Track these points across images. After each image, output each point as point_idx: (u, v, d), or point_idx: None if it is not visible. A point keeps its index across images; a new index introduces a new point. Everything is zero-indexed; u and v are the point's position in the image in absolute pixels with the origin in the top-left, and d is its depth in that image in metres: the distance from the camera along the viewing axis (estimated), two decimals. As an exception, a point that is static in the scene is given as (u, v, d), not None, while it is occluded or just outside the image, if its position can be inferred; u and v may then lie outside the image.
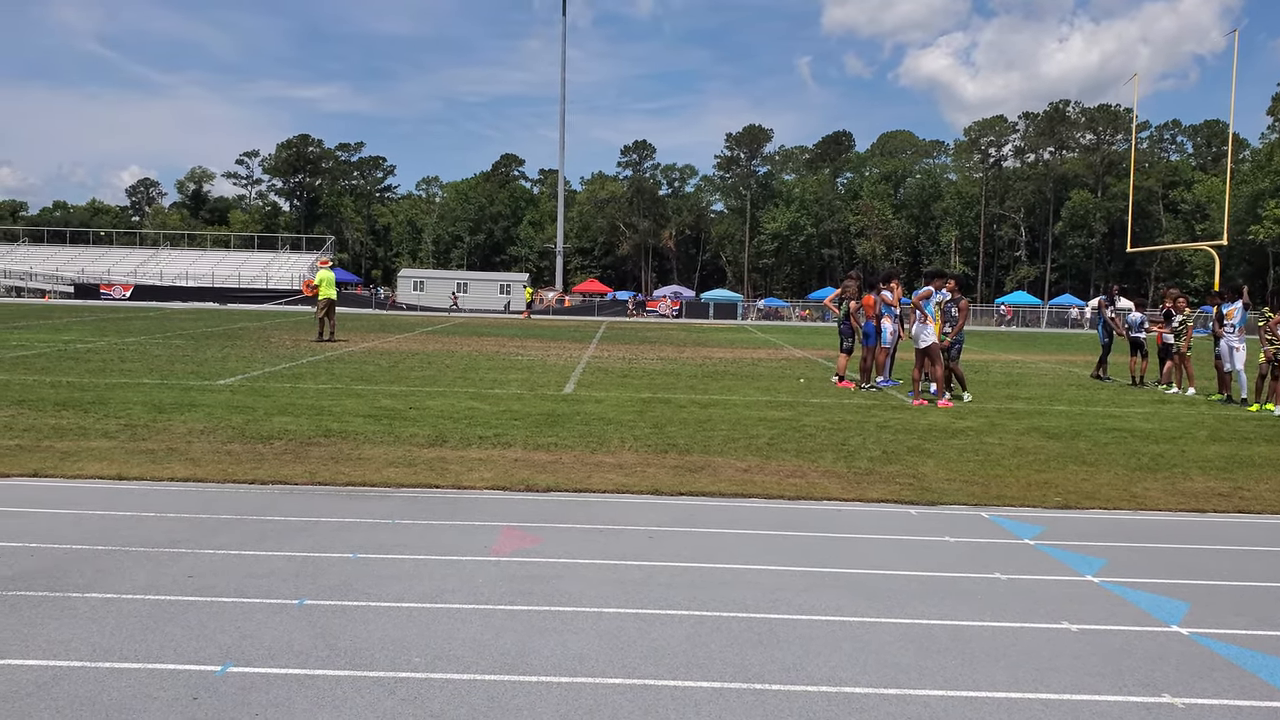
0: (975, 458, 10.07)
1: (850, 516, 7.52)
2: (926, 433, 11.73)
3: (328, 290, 26.42)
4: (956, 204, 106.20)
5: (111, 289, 62.69)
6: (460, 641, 4.67)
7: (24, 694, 3.96)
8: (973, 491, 8.42)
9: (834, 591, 5.62)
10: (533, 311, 59.17)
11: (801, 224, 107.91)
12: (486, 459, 9.24)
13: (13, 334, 25.64)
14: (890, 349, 17.55)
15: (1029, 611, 5.38)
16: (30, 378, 14.92)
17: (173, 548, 6.11)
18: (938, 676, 4.43)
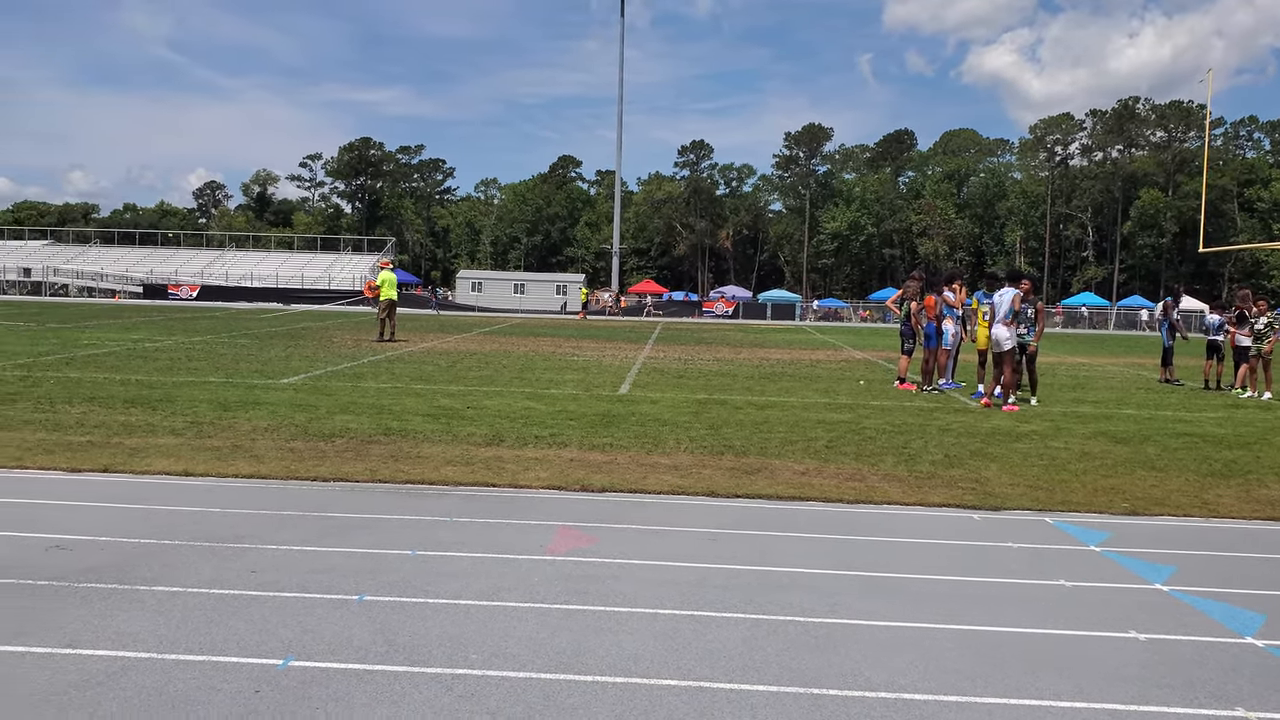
0: (1040, 462, 9.93)
1: (911, 521, 7.46)
2: (989, 436, 11.58)
3: (389, 291, 26.74)
4: (1021, 203, 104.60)
5: (179, 289, 64.04)
6: (516, 639, 4.71)
7: (94, 683, 4.06)
8: (1037, 497, 8.30)
9: (893, 597, 5.58)
10: (588, 312, 59.34)
11: (862, 223, 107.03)
12: (542, 459, 9.30)
13: (84, 333, 26.30)
14: (952, 351, 17.35)
15: (1095, 619, 5.29)
16: (101, 375, 15.30)
17: (237, 543, 6.24)
18: (1000, 684, 4.37)
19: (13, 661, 4.26)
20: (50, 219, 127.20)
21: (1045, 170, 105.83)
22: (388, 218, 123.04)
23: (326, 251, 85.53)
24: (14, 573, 5.49)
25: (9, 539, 6.16)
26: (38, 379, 14.55)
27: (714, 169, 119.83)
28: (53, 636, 4.56)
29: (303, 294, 65.03)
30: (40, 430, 10.04)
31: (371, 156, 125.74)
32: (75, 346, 21.28)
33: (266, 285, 67.93)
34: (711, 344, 30.46)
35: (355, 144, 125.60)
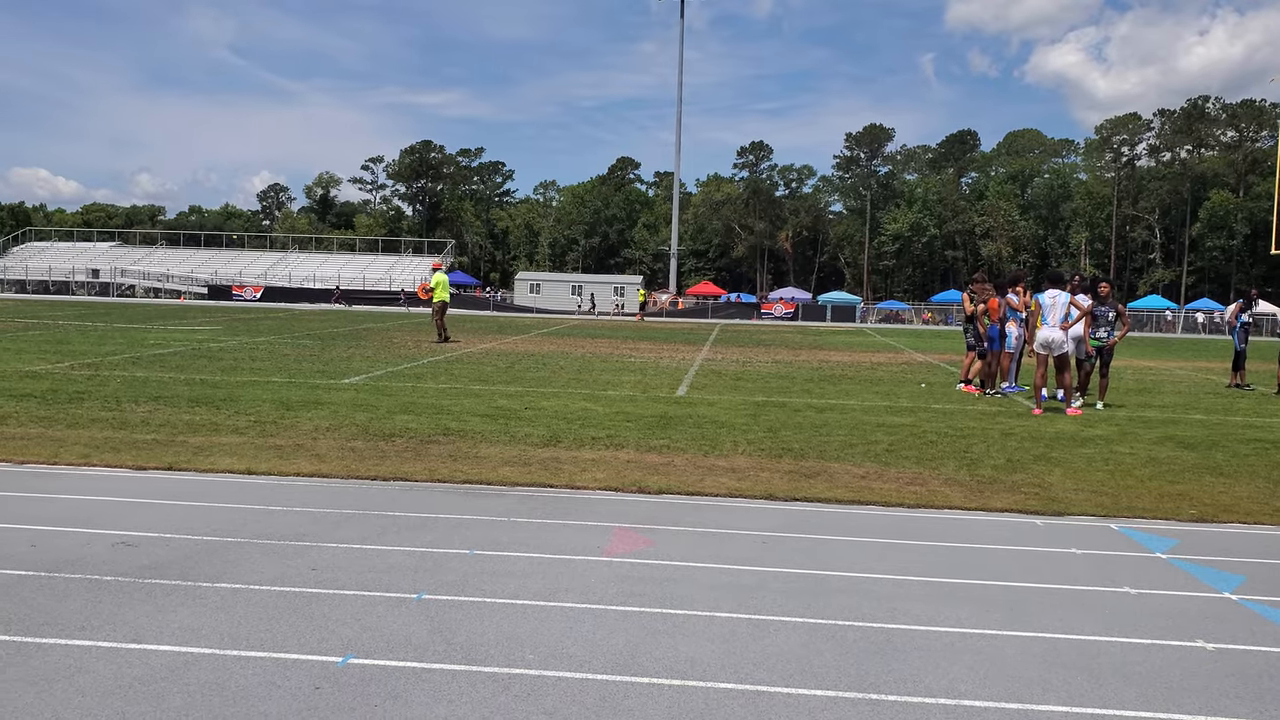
0: (1105, 467, 9.74)
1: (972, 526, 7.35)
2: (1053, 441, 11.39)
3: (442, 293, 27.02)
4: (1087, 204, 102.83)
5: (243, 290, 65.26)
6: (573, 640, 4.72)
7: (158, 677, 4.14)
8: (1101, 502, 8.14)
9: (954, 602, 5.50)
10: (646, 314, 59.39)
11: (924, 225, 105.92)
12: (599, 460, 9.32)
13: (151, 333, 26.88)
14: (1015, 354, 17.10)
15: (1161, 628, 5.17)
16: (166, 375, 15.62)
17: (298, 541, 6.33)
18: (1062, 692, 4.29)
19: (79, 655, 4.36)
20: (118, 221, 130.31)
21: (1111, 171, 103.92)
22: (447, 220, 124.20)
23: (388, 253, 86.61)
24: (81, 568, 5.61)
25: (76, 535, 6.31)
26: (104, 378, 14.90)
27: (773, 170, 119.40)
28: (118, 631, 4.66)
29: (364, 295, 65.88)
30: (107, 429, 10.28)
31: (432, 159, 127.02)
32: (142, 346, 21.76)
33: (328, 286, 68.92)
34: (770, 346, 30.32)
35: (416, 147, 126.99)
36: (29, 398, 12.37)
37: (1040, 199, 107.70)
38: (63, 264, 76.45)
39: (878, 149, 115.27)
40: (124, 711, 3.82)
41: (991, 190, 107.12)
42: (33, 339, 23.30)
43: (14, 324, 29.57)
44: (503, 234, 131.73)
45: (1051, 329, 14.37)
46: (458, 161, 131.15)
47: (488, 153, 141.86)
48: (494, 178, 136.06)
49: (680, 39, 76.43)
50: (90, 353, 19.64)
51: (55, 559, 5.77)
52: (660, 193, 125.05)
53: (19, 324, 29.67)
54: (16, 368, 16.15)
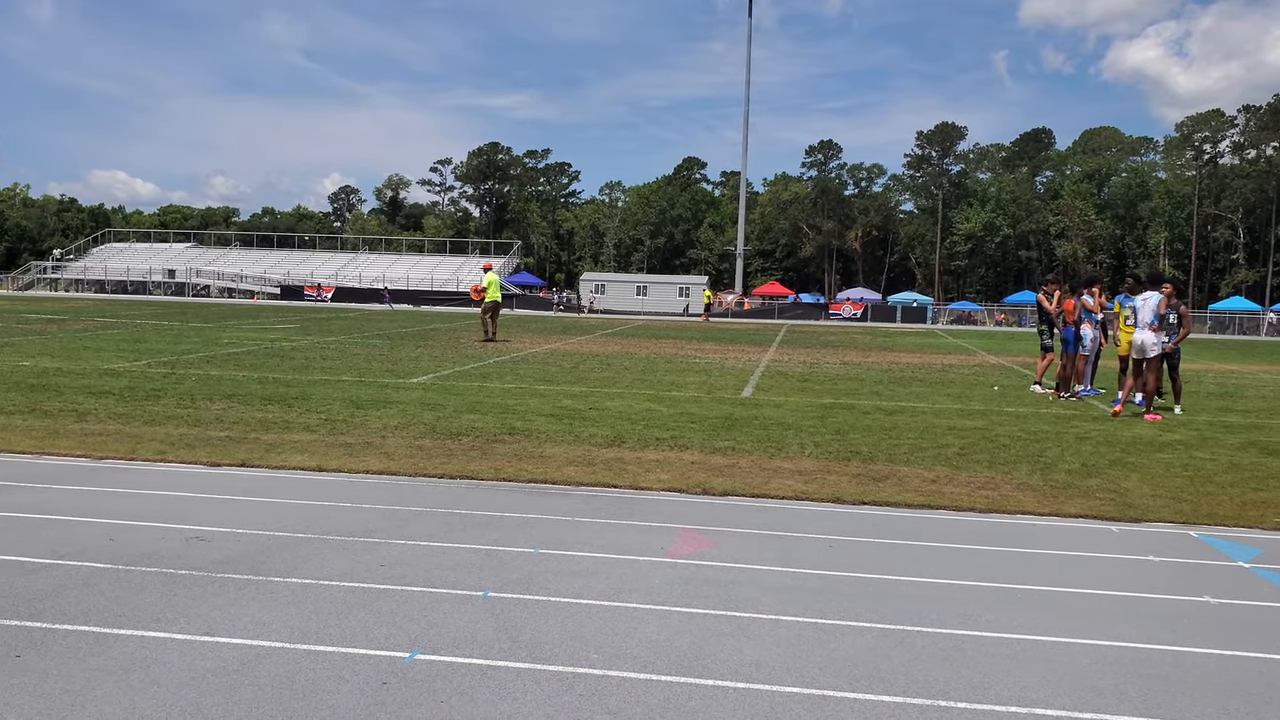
0: (1184, 473, 9.51)
1: (1045, 532, 7.23)
2: (1130, 446, 11.15)
3: (494, 293, 27.28)
4: (1166, 204, 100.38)
5: (314, 290, 66.38)
6: (637, 640, 4.73)
7: (230, 670, 4.24)
8: (1180, 509, 7.95)
9: (1026, 609, 5.42)
10: (711, 314, 59.28)
11: (997, 224, 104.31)
12: (664, 460, 9.33)
13: (225, 332, 27.48)
14: (1091, 356, 16.77)
15: (1242, 638, 5.04)
16: (240, 373, 15.96)
17: (367, 537, 6.43)
18: (1138, 702, 4.20)
19: (154, 647, 4.47)
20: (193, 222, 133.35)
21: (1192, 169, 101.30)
22: (514, 221, 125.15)
23: (455, 254, 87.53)
24: (156, 562, 5.76)
25: (152, 529, 6.47)
26: (180, 376, 15.27)
27: (842, 169, 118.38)
28: (192, 624, 4.77)
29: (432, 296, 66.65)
30: (182, 425, 10.53)
31: (499, 161, 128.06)
32: (216, 345, 22.26)
33: (397, 287, 69.85)
34: (838, 347, 30.09)
35: (484, 149, 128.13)
36: (108, 395, 12.72)
37: (1117, 198, 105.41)
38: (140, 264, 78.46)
39: (949, 147, 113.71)
40: (197, 703, 3.91)
41: (1067, 189, 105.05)
42: (111, 338, 23.95)
43: (94, 323, 30.42)
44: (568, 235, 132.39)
45: (1141, 331, 14.05)
46: (524, 163, 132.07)
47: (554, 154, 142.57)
48: (560, 179, 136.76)
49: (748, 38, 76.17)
50: (167, 351, 20.14)
51: (132, 552, 5.93)
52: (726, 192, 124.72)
53: (99, 323, 30.51)
54: (96, 366, 16.61)
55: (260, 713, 3.84)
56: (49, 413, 11.10)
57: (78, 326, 28.29)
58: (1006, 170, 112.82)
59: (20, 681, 4.04)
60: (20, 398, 12.21)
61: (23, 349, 19.59)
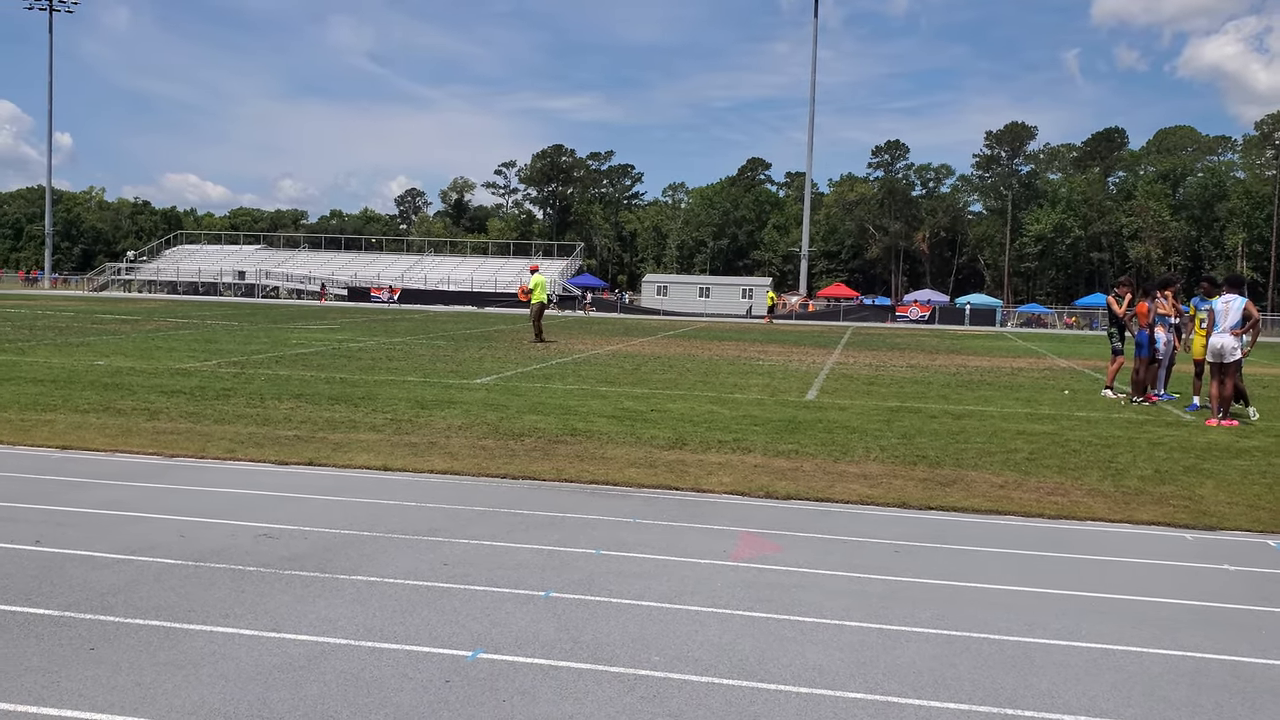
0: (1262, 480, 9.26)
1: (1116, 539, 7.09)
2: (1205, 452, 10.89)
3: (540, 294, 27.44)
4: (1244, 204, 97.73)
5: (380, 292, 67.28)
6: (699, 644, 4.72)
7: (296, 666, 4.31)
8: (1258, 517, 7.74)
9: (1096, 617, 5.31)
10: (775, 316, 59.00)
11: (1068, 225, 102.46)
12: (726, 463, 9.31)
13: (294, 333, 27.96)
14: (1165, 361, 16.40)
15: (1325, 653, 4.89)
16: (308, 373, 16.23)
17: (431, 536, 6.50)
18: (1213, 714, 4.10)
19: (222, 641, 4.56)
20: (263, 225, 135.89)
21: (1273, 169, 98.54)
22: (577, 223, 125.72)
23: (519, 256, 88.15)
24: (225, 558, 5.88)
25: (221, 526, 6.61)
26: (249, 376, 15.56)
27: (909, 169, 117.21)
28: (260, 620, 4.86)
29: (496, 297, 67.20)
30: (251, 424, 10.73)
31: (563, 163, 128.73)
32: (285, 346, 22.65)
33: (462, 289, 70.54)
34: (905, 350, 29.78)
35: (547, 151, 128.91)
36: (179, 394, 13.00)
37: (1193, 199, 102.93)
38: (211, 266, 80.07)
39: (1019, 147, 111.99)
40: (264, 697, 3.98)
41: (1140, 190, 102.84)
42: (183, 338, 24.49)
43: (166, 324, 31.13)
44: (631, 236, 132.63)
45: (1221, 334, 13.72)
46: (588, 165, 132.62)
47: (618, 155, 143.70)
48: (623, 180, 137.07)
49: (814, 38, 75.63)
50: (236, 351, 20.55)
51: (202, 549, 6.05)
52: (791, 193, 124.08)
53: (171, 323, 31.22)
54: (168, 365, 17.00)
55: (325, 709, 3.90)
56: (122, 411, 11.38)
57: (150, 327, 28.97)
58: (1078, 170, 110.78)
59: (94, 674, 4.15)
60: (95, 396, 12.53)
61: (97, 348, 20.12)
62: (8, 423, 10.35)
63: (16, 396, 12.30)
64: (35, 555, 5.83)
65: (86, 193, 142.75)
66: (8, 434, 9.72)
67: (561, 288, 73.23)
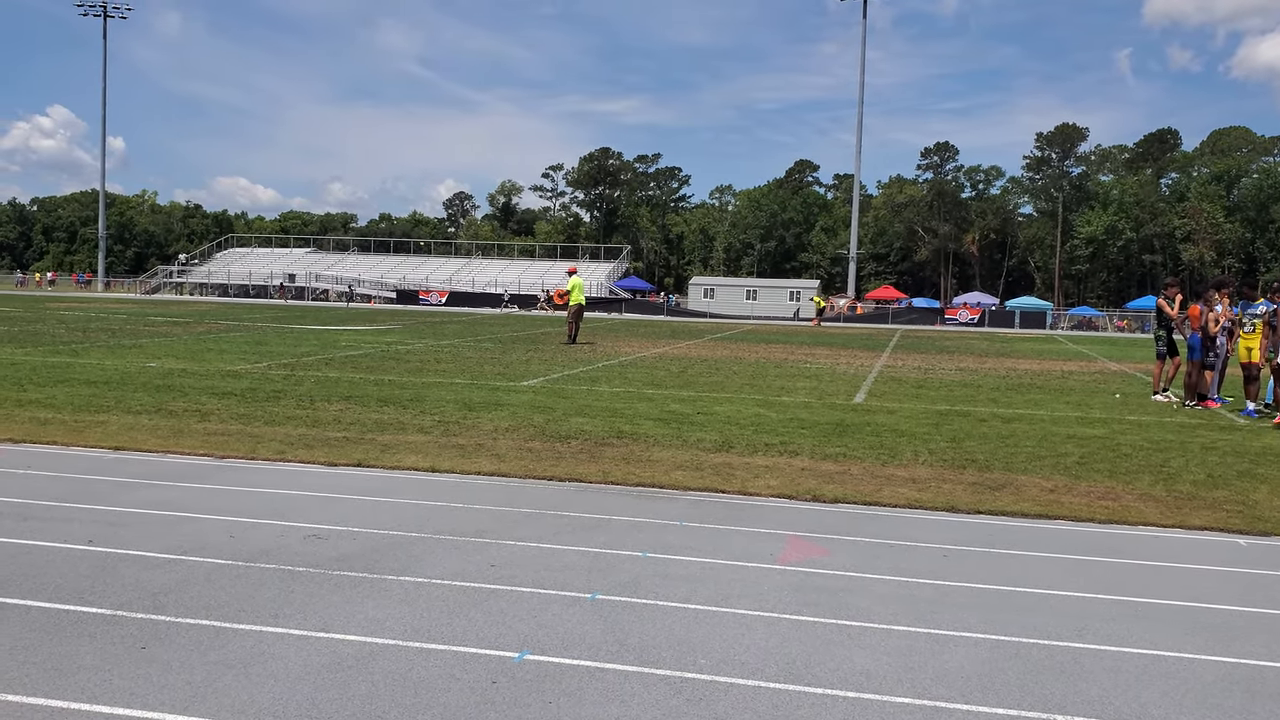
0: (1323, 487, 9.06)
1: (1168, 544, 6.97)
2: (1260, 456, 10.67)
3: (578, 296, 27.52)
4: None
5: (429, 295, 67.83)
6: (745, 647, 4.71)
7: (345, 666, 4.35)
8: (1319, 524, 7.58)
9: (1147, 623, 5.22)
10: (823, 319, 58.71)
11: (1119, 228, 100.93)
12: (773, 466, 9.27)
13: (342, 335, 28.26)
14: (1218, 364, 16.11)
15: (1388, 663, 4.77)
16: (357, 375, 16.39)
17: (478, 537, 6.53)
18: (1273, 726, 4.02)
19: (272, 641, 4.62)
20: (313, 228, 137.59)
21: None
22: (624, 226, 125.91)
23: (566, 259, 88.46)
24: (274, 558, 5.95)
25: (271, 527, 6.69)
26: (299, 378, 15.75)
27: (959, 171, 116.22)
28: (309, 620, 4.91)
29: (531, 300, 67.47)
30: (301, 426, 10.86)
31: (610, 166, 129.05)
32: (334, 348, 22.90)
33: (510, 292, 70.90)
34: (954, 353, 29.50)
35: (595, 154, 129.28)
36: (230, 396, 13.19)
37: (1248, 200, 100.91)
38: (261, 268, 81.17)
39: (1070, 149, 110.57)
40: (313, 697, 4.02)
41: (1194, 191, 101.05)
42: (234, 340, 24.84)
43: (217, 326, 31.59)
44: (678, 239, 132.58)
45: None
46: (635, 168, 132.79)
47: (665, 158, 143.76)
48: (670, 183, 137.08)
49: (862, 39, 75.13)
50: (286, 353, 20.80)
51: (252, 549, 6.13)
52: (839, 195, 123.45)
53: (222, 326, 31.68)
54: (219, 367, 17.25)
55: (373, 709, 3.94)
56: (174, 413, 11.56)
57: (201, 329, 29.42)
58: (1130, 172, 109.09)
59: (145, 673, 4.22)
60: (147, 398, 12.75)
61: (149, 350, 20.46)
62: (62, 424, 10.56)
63: (70, 398, 12.54)
64: (88, 555, 5.94)
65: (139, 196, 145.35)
66: (61, 435, 9.91)
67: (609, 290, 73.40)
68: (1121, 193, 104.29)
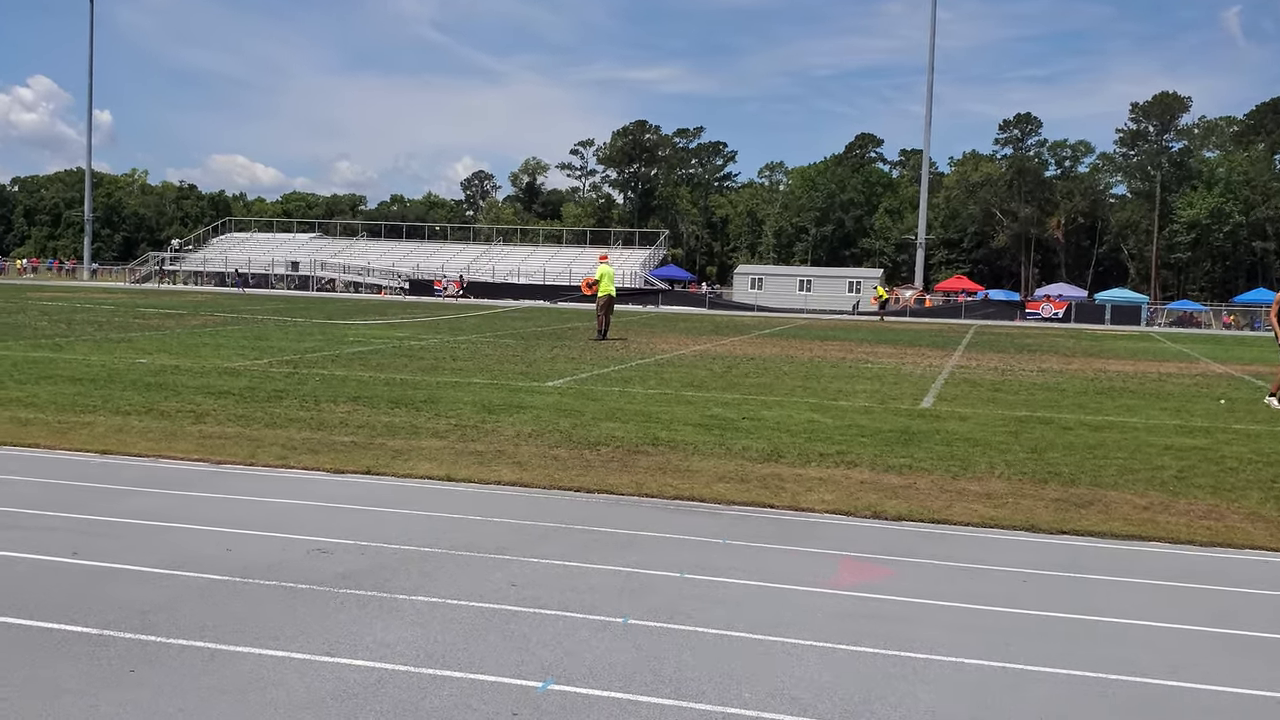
0: None
1: (1278, 570, 6.90)
2: (1389, 472, 10.53)
3: (607, 286, 27.53)
4: None
5: (444, 285, 68.26)
6: (795, 680, 4.72)
7: (351, 694, 4.40)
8: None
9: (1252, 659, 5.18)
10: (886, 313, 58.50)
11: (1227, 211, 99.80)
12: (827, 478, 9.26)
13: (350, 329, 28.51)
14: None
15: None
16: (366, 374, 16.55)
17: (497, 554, 6.59)
18: (1394, 777, 3.98)
19: (272, 666, 4.68)
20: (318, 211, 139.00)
21: None
22: (661, 208, 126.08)
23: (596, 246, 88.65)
24: (276, 574, 6.03)
25: (272, 539, 6.78)
26: (303, 376, 15.92)
27: (1042, 146, 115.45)
28: (312, 643, 4.97)
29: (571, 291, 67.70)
30: (305, 429, 10.98)
31: (646, 141, 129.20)
32: (341, 344, 23.12)
33: (533, 282, 71.18)
34: (1035, 352, 29.31)
35: (629, 128, 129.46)
36: (227, 395, 13.36)
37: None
38: (262, 255, 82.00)
39: (1170, 121, 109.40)
40: (317, 726, 4.08)
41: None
42: (232, 334, 25.14)
43: (214, 318, 31.98)
44: (722, 223, 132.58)
45: None
46: (674, 143, 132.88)
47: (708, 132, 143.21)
48: (714, 160, 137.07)
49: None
50: (289, 349, 21.03)
51: (250, 564, 6.22)
52: (906, 173, 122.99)
53: (219, 318, 32.06)
54: (216, 364, 17.47)
55: (382, 740, 3.98)
56: (166, 413, 11.73)
57: (196, 322, 29.79)
58: (1239, 147, 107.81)
59: (134, 697, 4.29)
60: (137, 397, 12.94)
61: (139, 345, 20.75)
62: (44, 425, 10.75)
63: (54, 396, 12.76)
64: (72, 568, 6.05)
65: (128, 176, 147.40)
66: (44, 437, 10.08)
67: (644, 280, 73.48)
68: (1229, 171, 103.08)
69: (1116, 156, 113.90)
